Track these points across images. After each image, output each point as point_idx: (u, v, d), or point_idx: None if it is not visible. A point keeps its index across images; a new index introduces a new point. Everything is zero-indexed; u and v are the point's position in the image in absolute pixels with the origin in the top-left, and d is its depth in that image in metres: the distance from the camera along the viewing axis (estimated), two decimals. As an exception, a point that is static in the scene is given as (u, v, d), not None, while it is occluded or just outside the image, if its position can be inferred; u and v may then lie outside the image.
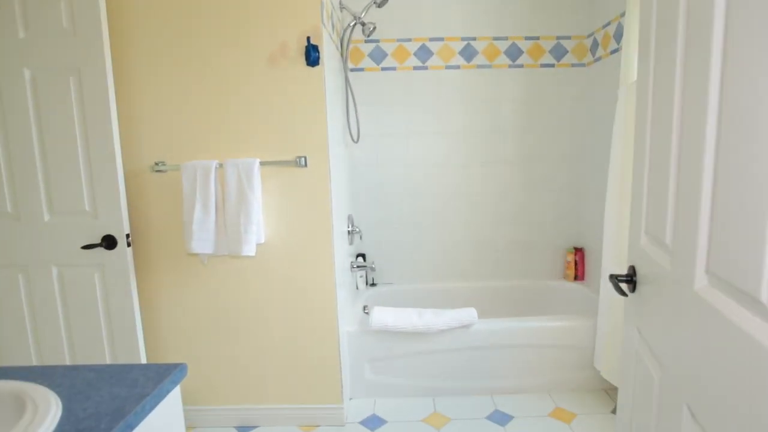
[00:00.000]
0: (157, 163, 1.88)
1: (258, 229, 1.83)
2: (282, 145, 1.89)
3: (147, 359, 1.99)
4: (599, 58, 2.56)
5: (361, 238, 2.55)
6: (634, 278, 1.07)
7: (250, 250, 1.78)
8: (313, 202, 1.92)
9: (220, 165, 1.83)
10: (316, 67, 1.82)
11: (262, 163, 1.84)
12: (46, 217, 1.80)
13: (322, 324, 2.01)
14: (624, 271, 1.91)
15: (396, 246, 2.87)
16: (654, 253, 0.95)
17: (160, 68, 1.85)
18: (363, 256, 2.84)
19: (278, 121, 1.87)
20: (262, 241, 1.90)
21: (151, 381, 0.85)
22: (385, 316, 2.16)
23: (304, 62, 1.81)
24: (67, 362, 1.90)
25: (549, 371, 2.27)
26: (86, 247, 1.75)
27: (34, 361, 1.90)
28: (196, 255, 1.95)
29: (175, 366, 0.92)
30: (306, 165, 1.88)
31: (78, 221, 1.80)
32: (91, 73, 1.69)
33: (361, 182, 2.81)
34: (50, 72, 1.71)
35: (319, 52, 1.79)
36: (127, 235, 1.80)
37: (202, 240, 1.80)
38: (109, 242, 1.79)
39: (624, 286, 1.09)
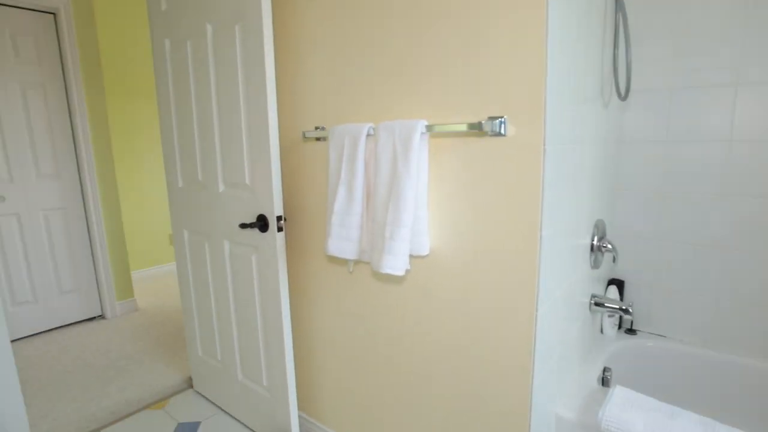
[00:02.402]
0: (316, 128, 1.47)
1: (416, 235, 1.18)
2: (462, 100, 1.15)
3: (294, 359, 1.71)
4: None
5: (614, 260, 1.56)
6: None
7: (393, 266, 1.12)
8: (513, 193, 1.13)
9: (374, 130, 1.24)
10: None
11: (428, 128, 1.14)
12: (221, 188, 1.68)
13: (501, 396, 1.23)
14: None
15: (680, 276, 1.71)
16: None
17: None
18: (620, 284, 1.82)
19: (458, 57, 1.14)
20: (425, 253, 1.23)
21: None
22: (631, 414, 1.18)
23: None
24: (234, 328, 1.79)
25: None
26: (243, 226, 1.53)
27: (214, 320, 1.87)
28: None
29: None
30: (503, 132, 1.10)
31: (241, 195, 1.59)
32: (249, 21, 1.39)
33: (628, 169, 1.77)
34: (223, 22, 1.50)
35: None
36: (279, 218, 1.48)
37: (342, 238, 1.27)
38: (263, 223, 1.52)
39: None
